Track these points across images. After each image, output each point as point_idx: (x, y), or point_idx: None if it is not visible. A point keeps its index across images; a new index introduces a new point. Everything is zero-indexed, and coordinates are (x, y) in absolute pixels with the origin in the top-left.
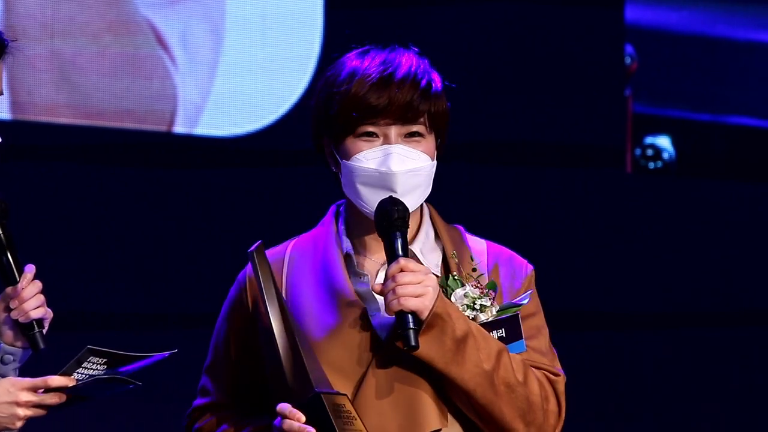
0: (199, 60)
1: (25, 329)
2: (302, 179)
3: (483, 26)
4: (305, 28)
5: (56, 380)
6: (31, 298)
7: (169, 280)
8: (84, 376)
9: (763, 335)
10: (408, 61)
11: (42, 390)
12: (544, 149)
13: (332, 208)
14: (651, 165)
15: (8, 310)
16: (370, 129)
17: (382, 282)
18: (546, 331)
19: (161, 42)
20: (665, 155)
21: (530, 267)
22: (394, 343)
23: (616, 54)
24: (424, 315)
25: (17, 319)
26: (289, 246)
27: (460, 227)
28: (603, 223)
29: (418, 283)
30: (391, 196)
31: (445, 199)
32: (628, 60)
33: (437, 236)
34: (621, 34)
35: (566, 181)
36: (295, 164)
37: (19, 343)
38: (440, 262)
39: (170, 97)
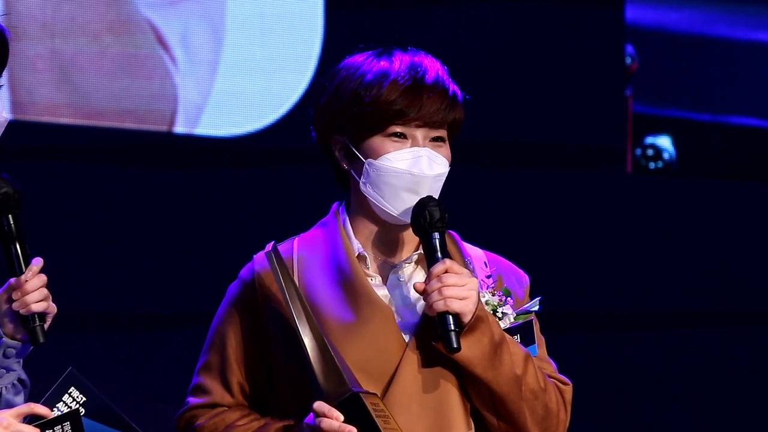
0: (199, 60)
1: (25, 322)
2: (302, 179)
3: (483, 26)
4: (305, 28)
5: (41, 409)
6: (34, 291)
7: (169, 280)
8: (59, 412)
9: (763, 335)
10: (433, 66)
11: (27, 417)
12: (544, 149)
13: (333, 208)
14: (651, 165)
15: (11, 301)
16: (399, 130)
17: (418, 282)
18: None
19: (161, 42)
20: (666, 155)
21: (528, 276)
22: (431, 343)
23: (617, 54)
24: (468, 318)
25: (18, 311)
26: (294, 245)
27: (455, 234)
28: (603, 223)
29: (462, 286)
30: (430, 196)
31: (445, 201)
32: (628, 60)
33: None
34: (621, 34)
35: (567, 181)
36: (295, 164)
37: (19, 336)
38: None
39: (170, 97)
